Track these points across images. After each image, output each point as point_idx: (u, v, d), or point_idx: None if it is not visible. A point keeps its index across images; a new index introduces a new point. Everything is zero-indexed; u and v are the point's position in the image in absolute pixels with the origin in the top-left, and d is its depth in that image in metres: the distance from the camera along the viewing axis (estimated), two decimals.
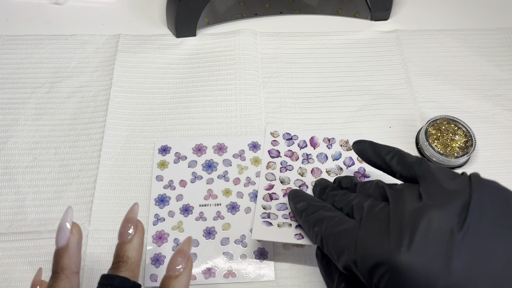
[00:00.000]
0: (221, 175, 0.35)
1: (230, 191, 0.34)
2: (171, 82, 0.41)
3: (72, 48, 0.43)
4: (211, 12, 0.46)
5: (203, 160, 0.35)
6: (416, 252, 0.21)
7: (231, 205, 0.34)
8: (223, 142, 0.36)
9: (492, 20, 0.47)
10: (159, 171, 0.35)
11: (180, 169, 0.35)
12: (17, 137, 0.38)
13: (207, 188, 0.34)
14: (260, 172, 0.35)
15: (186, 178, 0.35)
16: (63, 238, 0.23)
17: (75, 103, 0.40)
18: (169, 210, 0.33)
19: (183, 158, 0.35)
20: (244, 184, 0.35)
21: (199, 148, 0.36)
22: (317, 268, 0.32)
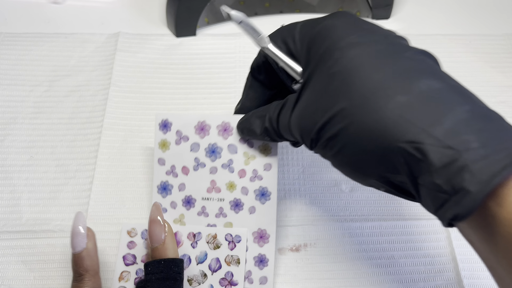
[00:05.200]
0: (226, 164, 0.31)
1: (234, 185, 0.31)
2: (170, 82, 0.41)
3: (72, 47, 0.43)
4: (211, 11, 0.46)
5: (206, 144, 0.31)
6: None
7: (234, 202, 0.31)
8: (229, 122, 0.31)
9: (497, 26, 0.46)
10: (161, 153, 0.32)
11: (182, 153, 0.32)
12: (14, 135, 0.38)
13: (211, 179, 0.31)
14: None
15: (189, 165, 0.32)
16: (81, 242, 0.25)
17: (73, 102, 0.40)
18: (172, 201, 0.31)
19: (184, 138, 0.32)
20: (250, 178, 0.31)
21: (202, 127, 0.31)
22: (313, 273, 0.32)
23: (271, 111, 0.26)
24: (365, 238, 0.33)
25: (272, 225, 0.30)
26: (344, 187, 0.36)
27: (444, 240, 0.33)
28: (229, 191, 0.31)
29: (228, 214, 0.31)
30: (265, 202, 0.30)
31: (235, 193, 0.31)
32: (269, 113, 0.26)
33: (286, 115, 0.25)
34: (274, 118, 0.26)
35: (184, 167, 0.31)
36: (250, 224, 0.31)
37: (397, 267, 0.32)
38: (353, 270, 0.32)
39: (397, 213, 0.34)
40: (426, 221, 0.34)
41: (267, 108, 0.27)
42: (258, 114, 0.28)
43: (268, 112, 0.26)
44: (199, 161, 0.31)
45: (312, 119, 0.22)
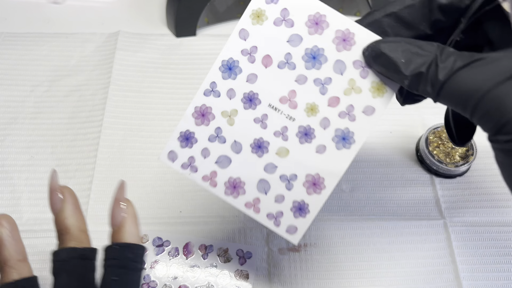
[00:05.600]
0: (320, 81, 0.24)
1: (316, 110, 0.24)
2: (170, 82, 0.41)
3: (72, 47, 0.43)
4: (211, 11, 0.46)
5: (312, 44, 0.24)
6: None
7: (306, 129, 0.24)
8: (354, 33, 0.23)
9: None
10: (249, 24, 0.24)
11: (275, 38, 0.24)
12: (15, 135, 0.38)
13: (292, 88, 0.24)
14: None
15: (275, 57, 0.24)
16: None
17: (73, 101, 0.40)
18: (231, 88, 0.24)
19: (289, 22, 0.24)
20: (340, 112, 0.24)
21: (318, 21, 0.23)
22: (312, 273, 0.32)
23: (447, 57, 0.20)
24: (365, 239, 0.33)
25: (335, 178, 0.24)
26: (344, 187, 0.36)
27: (444, 241, 0.33)
28: (306, 113, 0.24)
29: (290, 139, 0.24)
30: (341, 149, 0.24)
31: (311, 119, 0.24)
32: (442, 59, 0.20)
33: (475, 74, 0.19)
34: (448, 68, 0.19)
35: (267, 57, 0.24)
36: (310, 163, 0.24)
37: (397, 268, 0.32)
38: (353, 270, 0.32)
39: (397, 214, 0.34)
40: (427, 221, 0.34)
41: (436, 48, 0.20)
42: (416, 49, 0.20)
43: (442, 56, 0.20)
44: (290, 60, 0.24)
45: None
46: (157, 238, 0.33)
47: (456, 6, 0.21)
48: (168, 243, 0.33)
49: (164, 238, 0.33)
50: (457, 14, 0.22)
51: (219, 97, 0.24)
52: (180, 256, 0.32)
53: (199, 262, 0.32)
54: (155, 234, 0.33)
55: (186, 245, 0.33)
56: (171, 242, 0.33)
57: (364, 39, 0.23)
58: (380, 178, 0.36)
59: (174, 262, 0.32)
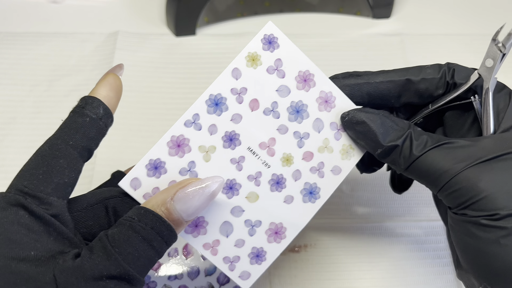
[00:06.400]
0: (299, 134, 0.24)
1: (291, 161, 0.24)
2: (170, 82, 0.41)
3: (72, 46, 0.43)
4: (210, 11, 0.46)
5: (298, 98, 0.24)
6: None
7: (278, 178, 0.24)
8: (335, 97, 0.24)
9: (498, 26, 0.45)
10: (243, 65, 0.24)
11: (265, 84, 0.24)
12: (14, 135, 0.38)
13: (272, 136, 0.24)
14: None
15: (262, 102, 0.24)
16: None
17: (73, 101, 0.39)
18: (213, 124, 0.23)
19: (280, 73, 0.24)
20: (311, 167, 0.24)
21: (307, 78, 0.24)
22: (312, 274, 0.32)
23: (419, 135, 0.22)
24: (365, 239, 0.33)
25: (296, 230, 0.25)
26: (344, 188, 0.36)
27: (444, 242, 0.33)
28: (281, 162, 0.24)
29: (262, 185, 0.24)
30: (307, 202, 0.25)
31: (285, 169, 0.24)
32: (415, 136, 0.22)
33: (446, 155, 0.21)
34: (422, 146, 0.21)
35: (255, 101, 0.24)
36: (276, 212, 0.24)
37: (397, 269, 0.32)
38: (353, 270, 0.32)
39: (397, 215, 0.34)
40: (427, 222, 0.34)
41: (408, 126, 0.22)
42: (391, 123, 0.22)
43: (415, 133, 0.22)
44: (276, 108, 0.24)
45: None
46: None
47: (430, 93, 0.24)
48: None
49: None
50: (429, 100, 0.24)
51: (199, 131, 0.23)
52: (179, 257, 0.32)
53: (199, 263, 0.32)
54: None
55: (185, 245, 0.33)
56: None
57: (343, 105, 0.25)
58: (380, 179, 0.36)
59: (174, 263, 0.32)
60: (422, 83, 0.24)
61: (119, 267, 0.18)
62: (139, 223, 0.19)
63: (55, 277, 0.17)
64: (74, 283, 0.17)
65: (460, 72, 0.24)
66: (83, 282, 0.17)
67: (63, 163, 0.20)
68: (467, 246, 0.21)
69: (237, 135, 0.24)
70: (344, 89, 0.24)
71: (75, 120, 0.21)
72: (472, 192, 0.20)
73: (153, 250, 0.19)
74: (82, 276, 0.17)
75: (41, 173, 0.19)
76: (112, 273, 0.18)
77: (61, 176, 0.19)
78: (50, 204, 0.19)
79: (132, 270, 0.18)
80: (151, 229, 0.19)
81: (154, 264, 0.20)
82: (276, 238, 0.24)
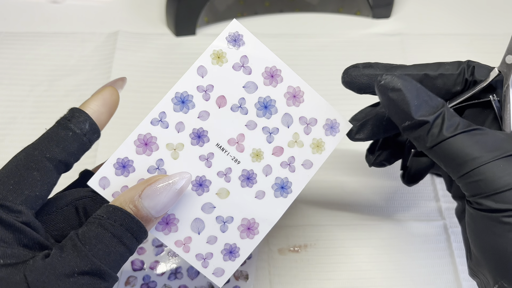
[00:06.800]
0: (268, 129, 0.24)
1: (261, 156, 0.24)
2: (170, 82, 0.41)
3: (72, 46, 0.43)
4: (210, 11, 0.46)
5: (265, 94, 0.24)
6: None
7: (248, 173, 0.24)
8: (304, 91, 0.24)
9: (498, 26, 0.46)
10: (208, 63, 0.24)
11: (231, 81, 0.24)
12: (14, 135, 0.38)
13: (241, 132, 0.24)
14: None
15: (229, 99, 0.24)
16: None
17: (73, 101, 0.40)
18: (181, 121, 0.23)
19: (247, 69, 0.24)
20: (282, 162, 0.24)
21: (274, 74, 0.24)
22: (312, 274, 0.32)
23: (452, 116, 0.21)
24: (365, 239, 0.33)
25: (269, 225, 0.25)
26: (345, 188, 0.36)
27: (444, 242, 0.33)
28: (251, 157, 0.24)
29: (233, 181, 0.24)
30: (278, 197, 0.25)
31: (255, 165, 0.24)
32: (448, 116, 0.21)
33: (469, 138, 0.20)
34: (453, 127, 0.21)
35: (222, 97, 0.24)
36: (248, 207, 0.24)
37: (397, 269, 0.32)
38: (353, 270, 0.32)
39: (397, 215, 0.34)
40: (426, 222, 0.34)
41: (442, 105, 0.21)
42: (427, 97, 0.21)
43: (448, 113, 0.21)
44: (243, 104, 0.24)
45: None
46: (156, 238, 0.33)
47: (448, 89, 0.24)
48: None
49: None
50: (446, 96, 0.24)
51: (166, 128, 0.23)
52: (179, 256, 0.32)
53: None
54: None
55: None
56: None
57: (312, 100, 0.25)
58: (380, 179, 0.36)
59: (174, 262, 0.32)
60: (440, 78, 0.23)
61: (90, 263, 0.18)
62: (108, 220, 0.19)
63: (25, 277, 0.17)
64: (45, 281, 0.17)
65: (481, 69, 0.23)
66: (54, 279, 0.17)
67: (36, 175, 0.19)
68: (485, 242, 0.20)
69: (205, 132, 0.24)
70: (363, 78, 0.24)
71: (58, 132, 0.21)
72: (496, 183, 0.19)
73: (123, 246, 0.19)
74: (53, 273, 0.17)
75: (12, 183, 0.19)
76: (83, 269, 0.18)
77: (32, 189, 0.19)
78: (20, 212, 0.19)
79: (104, 266, 0.18)
80: (120, 226, 0.19)
81: (126, 261, 0.20)
82: (249, 234, 0.24)
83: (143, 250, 0.32)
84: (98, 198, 0.22)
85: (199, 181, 0.24)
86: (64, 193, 0.22)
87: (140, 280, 0.31)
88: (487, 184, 0.20)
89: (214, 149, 0.24)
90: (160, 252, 0.33)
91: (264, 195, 0.25)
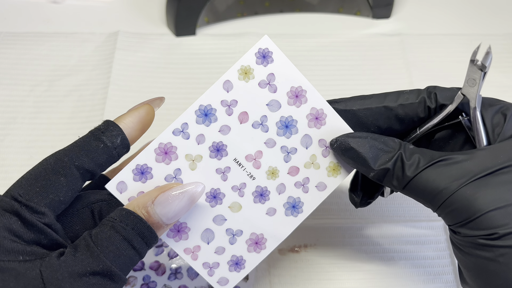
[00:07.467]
0: (286, 149, 0.25)
1: (276, 175, 0.25)
2: (170, 82, 0.41)
3: (72, 46, 0.43)
4: (211, 11, 0.46)
5: (288, 114, 0.24)
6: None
7: (262, 190, 0.25)
8: (326, 114, 0.24)
9: (498, 26, 0.46)
10: (235, 78, 0.24)
11: (256, 98, 0.24)
12: (14, 135, 0.38)
13: (259, 149, 0.24)
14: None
15: (252, 116, 0.24)
16: None
17: (73, 101, 0.40)
18: (201, 133, 0.24)
19: (272, 87, 0.24)
20: (296, 182, 0.25)
21: (299, 94, 0.24)
22: (312, 274, 0.32)
23: (411, 154, 0.21)
24: (365, 240, 0.33)
25: (276, 241, 0.25)
26: (344, 188, 0.36)
27: (443, 243, 0.33)
28: (266, 175, 0.25)
29: (246, 196, 0.25)
30: (289, 215, 0.25)
31: (270, 182, 0.25)
32: (407, 156, 0.21)
33: (441, 172, 0.21)
34: (414, 166, 0.21)
35: (245, 113, 0.24)
36: (258, 223, 0.25)
37: (397, 269, 0.32)
38: (353, 271, 0.32)
39: (397, 215, 0.34)
40: (426, 223, 0.34)
41: (398, 145, 0.22)
42: (381, 145, 0.22)
43: (406, 153, 0.22)
44: (265, 122, 0.24)
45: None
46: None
47: (411, 118, 0.24)
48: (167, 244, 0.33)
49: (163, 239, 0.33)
50: (411, 125, 0.24)
51: (187, 139, 0.24)
52: (179, 257, 0.32)
53: None
54: None
55: None
56: None
57: (334, 123, 0.25)
58: None
59: (174, 263, 0.32)
60: (400, 109, 0.24)
61: (102, 263, 0.18)
62: (121, 224, 0.19)
63: (41, 272, 0.18)
64: (59, 278, 0.18)
65: (443, 93, 0.24)
66: (68, 277, 0.18)
67: (63, 181, 0.20)
68: (469, 263, 0.21)
69: (224, 146, 0.24)
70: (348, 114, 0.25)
71: (90, 142, 0.21)
72: (469, 211, 0.20)
73: (133, 250, 0.19)
74: (67, 271, 0.18)
75: (39, 186, 0.19)
76: (95, 269, 0.18)
77: (57, 193, 0.20)
78: (43, 214, 0.19)
79: (114, 267, 0.19)
80: (132, 230, 0.19)
81: (135, 264, 0.20)
82: (256, 248, 0.25)
83: None
84: (114, 202, 0.22)
85: (214, 193, 0.24)
86: (81, 195, 0.22)
87: (140, 280, 0.31)
88: (459, 213, 0.20)
89: (231, 163, 0.24)
90: (160, 252, 0.33)
91: (275, 212, 0.25)
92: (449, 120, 0.24)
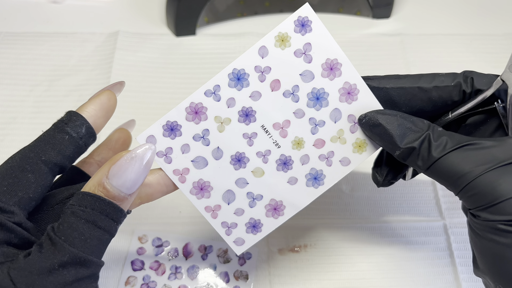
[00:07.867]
0: (314, 120, 0.24)
1: (301, 145, 0.25)
2: (170, 82, 0.41)
3: (72, 46, 0.43)
4: (210, 11, 0.46)
5: (320, 85, 0.24)
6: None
7: (286, 159, 0.25)
8: (359, 90, 0.24)
9: (498, 26, 0.46)
10: (271, 45, 0.23)
11: (290, 67, 0.24)
12: (14, 135, 0.38)
13: (288, 118, 0.24)
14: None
15: (284, 84, 0.24)
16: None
17: (73, 101, 0.40)
18: (232, 97, 0.24)
19: (307, 57, 0.24)
20: (320, 155, 0.25)
21: (333, 66, 0.24)
22: (312, 274, 0.32)
23: (439, 136, 0.21)
24: (365, 239, 0.33)
25: (295, 210, 0.25)
26: (344, 188, 0.36)
27: (443, 242, 0.33)
28: (292, 144, 0.25)
29: (270, 163, 0.25)
30: (310, 186, 0.25)
31: (294, 152, 0.25)
32: (434, 137, 0.21)
33: (466, 155, 0.20)
34: (441, 148, 0.21)
35: (277, 81, 0.24)
36: (278, 190, 0.25)
37: (397, 269, 0.32)
38: (353, 271, 0.32)
39: (397, 215, 0.34)
40: (426, 223, 0.34)
41: (427, 126, 0.22)
42: (410, 124, 0.22)
43: (434, 134, 0.21)
44: (296, 92, 0.24)
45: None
46: (156, 239, 0.33)
47: (444, 101, 0.24)
48: (167, 244, 0.33)
49: (163, 239, 0.33)
50: (444, 108, 0.24)
51: (218, 101, 0.24)
52: (179, 257, 0.32)
53: (199, 263, 0.32)
54: (154, 234, 0.33)
55: (185, 245, 0.33)
56: (170, 243, 0.33)
57: (366, 100, 0.24)
58: None
59: (174, 263, 0.32)
60: (435, 91, 0.23)
61: (68, 252, 0.18)
62: (79, 207, 0.19)
63: (9, 274, 0.17)
64: (29, 278, 0.17)
65: (480, 78, 0.23)
66: (37, 275, 0.17)
67: (31, 177, 0.19)
68: (484, 249, 0.21)
69: (254, 112, 0.24)
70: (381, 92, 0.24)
71: (54, 135, 0.21)
72: (491, 195, 0.20)
73: (99, 229, 0.19)
74: (36, 269, 0.18)
75: (5, 184, 0.19)
76: (62, 260, 0.18)
77: (26, 191, 0.19)
78: (12, 213, 0.19)
79: (82, 253, 0.18)
80: (92, 210, 0.19)
81: (107, 244, 0.20)
82: (274, 213, 0.25)
83: (143, 250, 0.32)
84: (87, 196, 0.22)
85: (238, 156, 0.24)
86: (54, 192, 0.22)
87: (140, 280, 0.31)
88: (481, 197, 0.20)
89: (258, 129, 0.24)
90: (160, 252, 0.33)
91: (296, 181, 0.25)
92: (483, 106, 0.23)
